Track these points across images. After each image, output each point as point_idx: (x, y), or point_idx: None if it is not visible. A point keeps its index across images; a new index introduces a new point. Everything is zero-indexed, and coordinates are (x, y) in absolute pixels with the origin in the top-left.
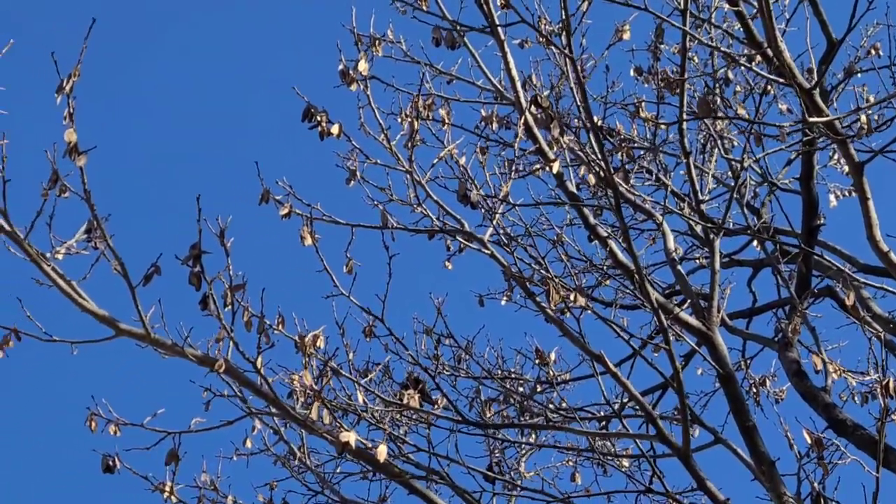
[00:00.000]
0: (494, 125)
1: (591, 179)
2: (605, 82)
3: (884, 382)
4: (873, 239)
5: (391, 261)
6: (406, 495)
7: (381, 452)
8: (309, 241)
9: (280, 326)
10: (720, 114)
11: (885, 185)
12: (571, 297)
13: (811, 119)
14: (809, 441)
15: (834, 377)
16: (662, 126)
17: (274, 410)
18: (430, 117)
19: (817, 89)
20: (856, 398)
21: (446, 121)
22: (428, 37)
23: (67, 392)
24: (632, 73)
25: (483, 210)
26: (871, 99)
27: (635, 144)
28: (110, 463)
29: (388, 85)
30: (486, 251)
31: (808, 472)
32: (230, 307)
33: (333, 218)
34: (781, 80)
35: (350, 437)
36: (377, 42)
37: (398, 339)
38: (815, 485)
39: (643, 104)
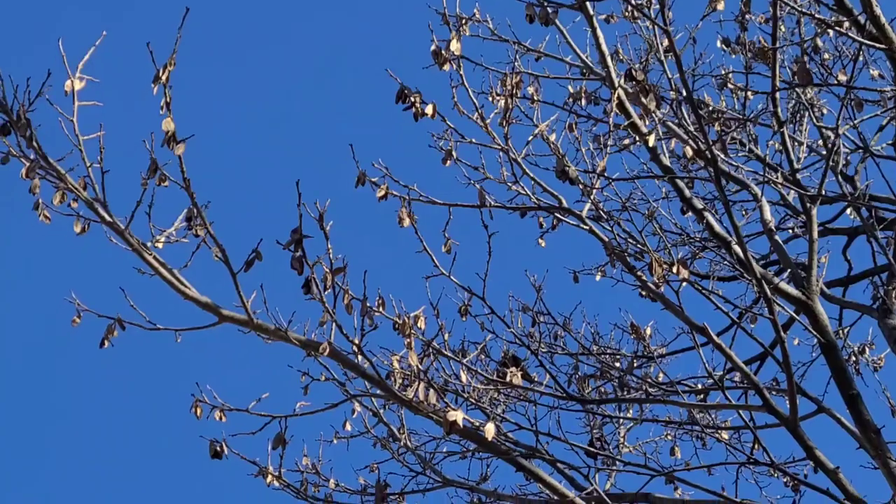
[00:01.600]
0: (583, 101)
1: (688, 152)
2: (692, 55)
3: None
4: None
5: (490, 239)
6: (513, 472)
7: (490, 430)
8: (407, 222)
9: (381, 308)
10: (818, 80)
11: None
12: (673, 270)
13: None
14: None
15: None
16: (751, 96)
17: (378, 392)
18: (520, 95)
19: None
20: None
21: (535, 98)
22: (511, 15)
23: (172, 380)
24: (719, 44)
25: (580, 185)
26: None
27: (727, 116)
28: (218, 449)
29: (477, 64)
30: (585, 227)
31: None
32: (331, 290)
33: (430, 198)
34: (879, 46)
35: (457, 416)
36: (465, 21)
37: (500, 317)
38: None
39: (731, 75)
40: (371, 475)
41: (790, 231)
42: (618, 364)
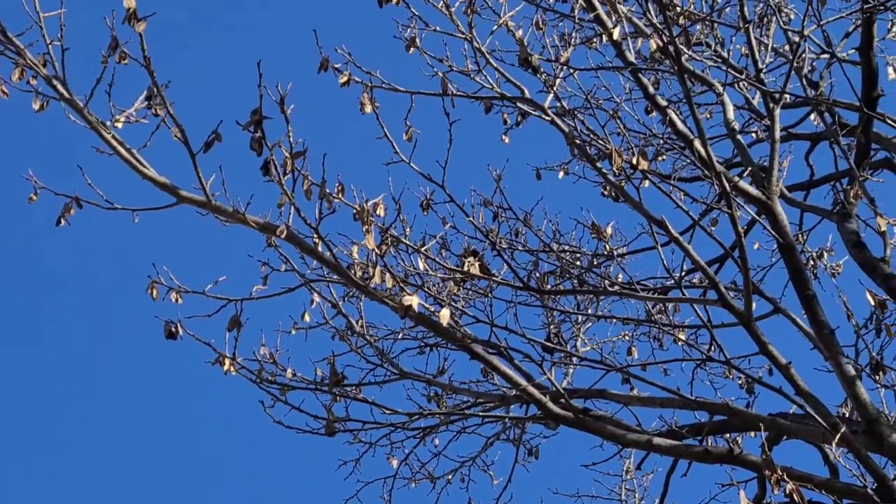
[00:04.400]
0: None
1: (652, 46)
2: None
3: None
4: None
5: (451, 127)
6: (470, 368)
7: (444, 316)
8: (369, 109)
9: (340, 194)
10: None
11: None
12: (633, 162)
13: None
14: (872, 303)
15: (892, 244)
16: None
17: (334, 278)
18: None
19: None
20: None
21: None
22: None
23: (129, 260)
24: None
25: (543, 76)
26: None
27: (694, 15)
28: (172, 329)
29: None
30: (547, 118)
31: (867, 342)
32: (291, 174)
33: (393, 85)
34: None
35: (413, 300)
36: None
37: (459, 206)
38: (874, 353)
39: None
40: (328, 366)
41: (754, 135)
42: (578, 262)
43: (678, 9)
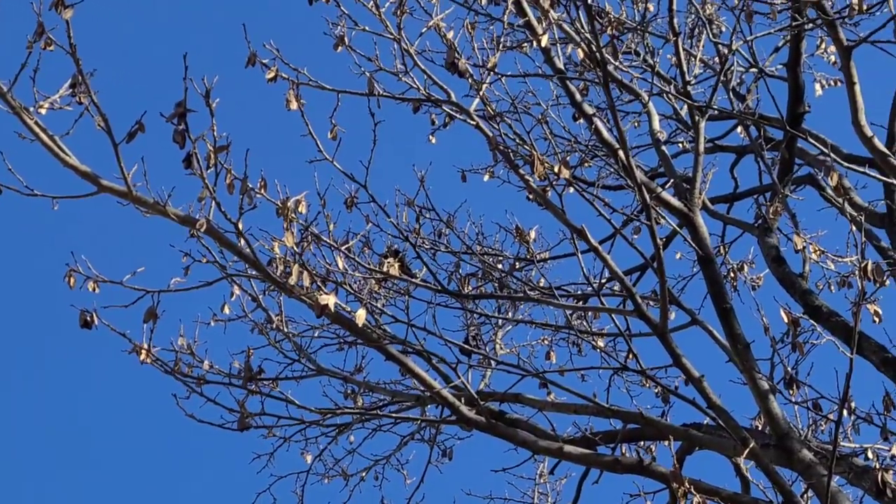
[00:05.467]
0: (484, 0)
1: (580, 54)
2: None
3: (862, 265)
4: (858, 124)
5: (376, 128)
6: (383, 361)
7: (360, 316)
8: (294, 106)
9: (262, 190)
10: None
11: (871, 74)
12: (556, 170)
13: None
14: (786, 320)
15: (813, 258)
16: (651, 8)
17: (253, 273)
18: None
19: None
20: (832, 286)
21: None
22: None
23: (47, 247)
24: None
25: (470, 80)
26: None
27: (624, 24)
28: (88, 318)
29: None
30: (472, 122)
31: (783, 357)
32: (213, 168)
33: (319, 83)
34: None
35: (329, 299)
36: None
37: (381, 207)
38: (789, 368)
39: None
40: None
41: (680, 145)
42: (500, 266)
43: (610, 16)
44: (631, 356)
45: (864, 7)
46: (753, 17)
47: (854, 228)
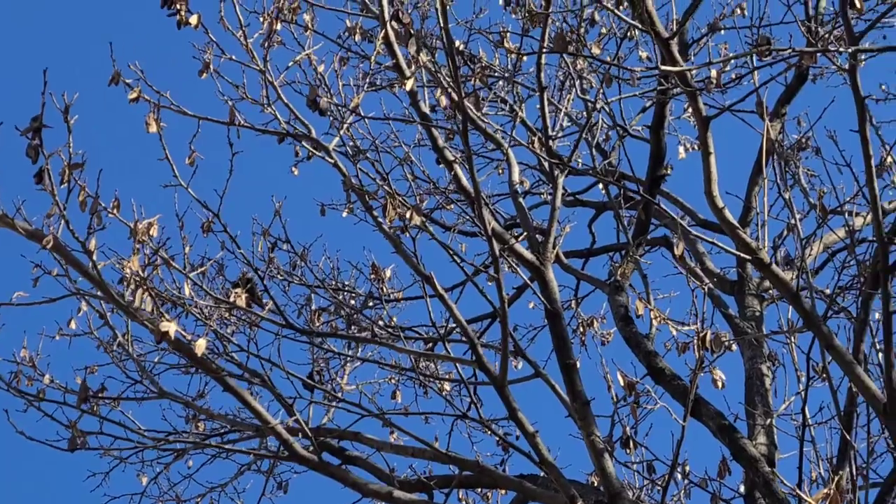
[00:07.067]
0: (357, 37)
1: (443, 101)
2: (472, 7)
3: (701, 334)
4: (710, 194)
5: (234, 157)
6: (221, 392)
7: (200, 346)
8: (154, 129)
9: (115, 210)
10: (575, 50)
11: (730, 144)
12: (408, 215)
13: (663, 67)
14: (622, 383)
15: (655, 324)
16: (524, 58)
17: (99, 293)
18: (294, 21)
19: (675, 39)
20: (683, 348)
21: (310, 27)
22: None
23: None
24: (500, 1)
25: (332, 118)
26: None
27: (493, 73)
28: None
29: None
30: (330, 160)
31: (622, 416)
32: (67, 185)
33: (181, 108)
34: (640, 27)
35: (170, 327)
36: None
37: (231, 237)
38: (627, 428)
39: (508, 35)
40: (90, 377)
41: (542, 196)
42: (352, 302)
43: (482, 62)
44: (473, 404)
45: (721, 83)
46: (613, 81)
47: (697, 294)
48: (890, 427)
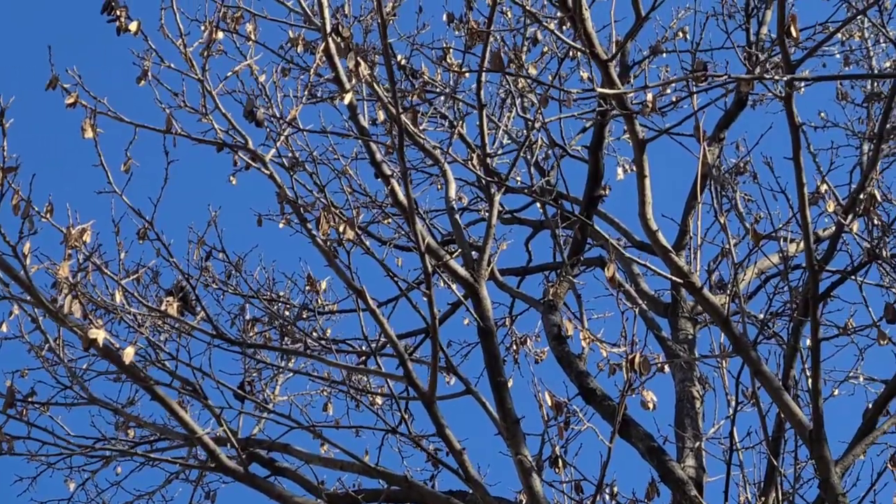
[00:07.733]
0: (300, 48)
1: (381, 116)
2: (416, 23)
3: (630, 356)
4: (644, 216)
5: (169, 166)
6: (150, 400)
7: (128, 354)
8: (90, 134)
9: (48, 215)
10: (512, 70)
11: (669, 167)
12: (341, 229)
13: (600, 89)
14: (550, 403)
15: (584, 345)
16: (465, 75)
17: (28, 297)
18: (236, 30)
19: (615, 62)
20: (613, 369)
21: (252, 37)
22: None
23: None
24: (444, 18)
25: (269, 130)
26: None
27: (433, 89)
28: None
29: None
30: (266, 171)
31: (552, 435)
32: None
33: (118, 115)
34: (580, 48)
35: (99, 334)
36: None
37: (165, 245)
38: (557, 448)
39: (451, 51)
40: (20, 381)
41: (480, 213)
42: (286, 313)
43: (424, 78)
44: (403, 420)
45: (658, 107)
46: (551, 102)
47: (626, 316)
48: (816, 453)
